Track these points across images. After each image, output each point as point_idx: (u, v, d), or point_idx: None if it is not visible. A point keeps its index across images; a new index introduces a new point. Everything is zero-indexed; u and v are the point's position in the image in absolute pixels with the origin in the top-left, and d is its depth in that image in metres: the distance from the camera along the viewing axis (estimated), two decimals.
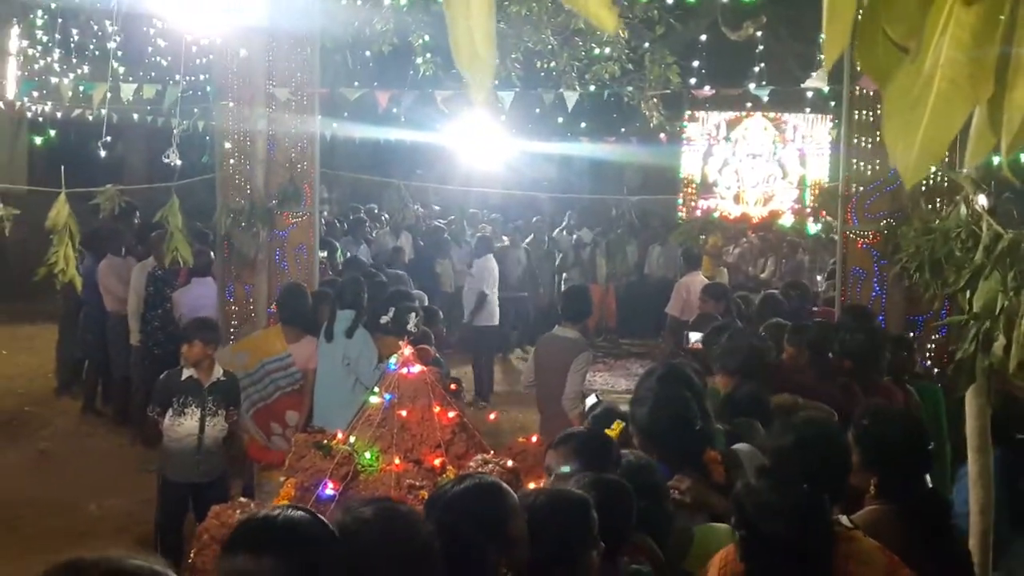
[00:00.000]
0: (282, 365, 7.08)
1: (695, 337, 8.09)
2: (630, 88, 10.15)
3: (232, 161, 8.29)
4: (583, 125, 17.07)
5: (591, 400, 7.06)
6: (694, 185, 13.88)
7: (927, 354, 7.13)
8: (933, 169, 6.87)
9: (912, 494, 3.65)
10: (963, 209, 3.33)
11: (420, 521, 2.49)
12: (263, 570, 2.14)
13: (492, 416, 7.20)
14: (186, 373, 6.55)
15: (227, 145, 8.29)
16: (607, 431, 4.48)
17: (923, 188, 7.08)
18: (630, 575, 3.15)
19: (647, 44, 10.65)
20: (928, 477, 3.77)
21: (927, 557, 3.24)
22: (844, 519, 3.25)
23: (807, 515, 2.74)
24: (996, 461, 4.00)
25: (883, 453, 3.61)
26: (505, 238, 15.48)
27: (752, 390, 5.06)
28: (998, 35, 1.20)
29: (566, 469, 3.43)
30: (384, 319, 7.12)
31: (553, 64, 10.65)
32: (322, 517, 2.39)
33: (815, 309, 8.74)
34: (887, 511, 3.58)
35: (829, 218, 11.02)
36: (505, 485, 2.85)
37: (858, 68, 7.22)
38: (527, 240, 16.11)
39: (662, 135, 14.11)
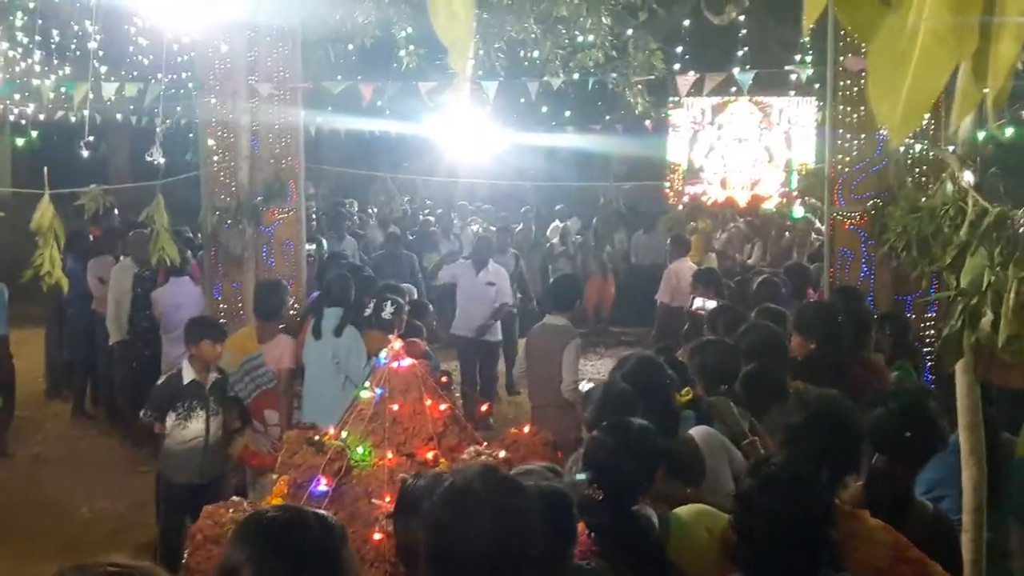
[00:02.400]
0: (256, 364, 7.05)
1: (699, 303, 8.12)
2: (614, 75, 10.12)
3: (216, 158, 8.24)
4: (568, 114, 17.10)
5: (585, 386, 7.11)
6: (681, 171, 13.93)
7: (918, 333, 7.12)
8: (919, 147, 6.87)
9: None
10: (949, 186, 3.31)
11: (527, 492, 2.45)
12: (257, 564, 2.16)
13: (484, 408, 7.20)
14: (188, 377, 6.54)
15: (211, 142, 8.24)
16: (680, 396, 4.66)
17: (909, 165, 7.08)
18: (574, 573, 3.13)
19: (630, 31, 10.64)
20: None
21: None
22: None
23: (807, 495, 2.73)
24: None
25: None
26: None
27: (769, 371, 5.01)
28: None
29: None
30: (367, 312, 7.11)
31: (537, 53, 10.62)
32: (327, 515, 2.41)
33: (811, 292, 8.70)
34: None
35: (814, 201, 11.04)
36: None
37: (841, 45, 7.23)
38: (517, 230, 16.04)
39: (647, 122, 14.12)
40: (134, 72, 11.43)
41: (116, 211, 11.28)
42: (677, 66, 11.80)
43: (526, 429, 5.00)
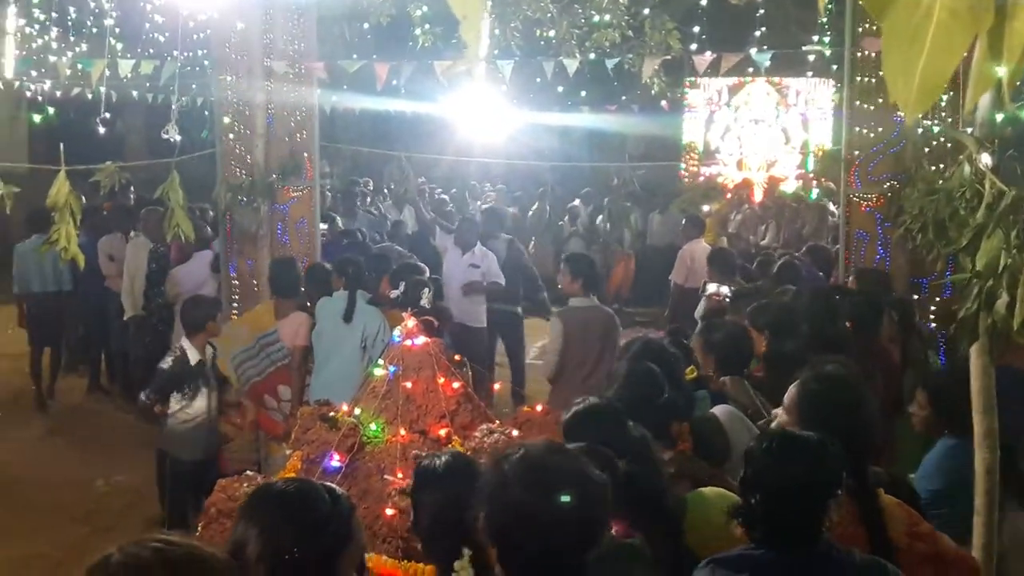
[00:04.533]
0: (271, 340, 7.11)
1: (712, 288, 8.10)
2: (630, 55, 10.05)
3: (231, 135, 8.26)
4: (584, 94, 17.00)
5: None
6: (696, 152, 13.86)
7: (931, 315, 7.10)
8: (936, 129, 6.82)
9: None
10: (966, 168, 3.30)
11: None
12: (268, 534, 2.26)
13: (496, 386, 7.19)
14: (193, 358, 6.61)
15: (226, 120, 8.25)
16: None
17: (926, 149, 7.04)
18: (617, 549, 3.08)
19: (647, 10, 10.58)
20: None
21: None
22: None
23: (810, 459, 2.74)
24: (953, 450, 3.96)
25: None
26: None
27: (791, 349, 4.99)
28: None
29: None
30: (395, 293, 7.11)
31: (553, 32, 10.57)
32: (336, 488, 2.45)
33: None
34: None
35: (830, 184, 10.98)
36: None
37: (859, 27, 7.18)
38: (530, 212, 15.92)
39: (664, 102, 14.07)
40: (150, 49, 11.43)
41: (132, 188, 11.33)
42: (694, 46, 11.73)
43: (539, 408, 5.02)
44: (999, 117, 3.40)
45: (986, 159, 3.26)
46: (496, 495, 2.30)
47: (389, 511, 4.15)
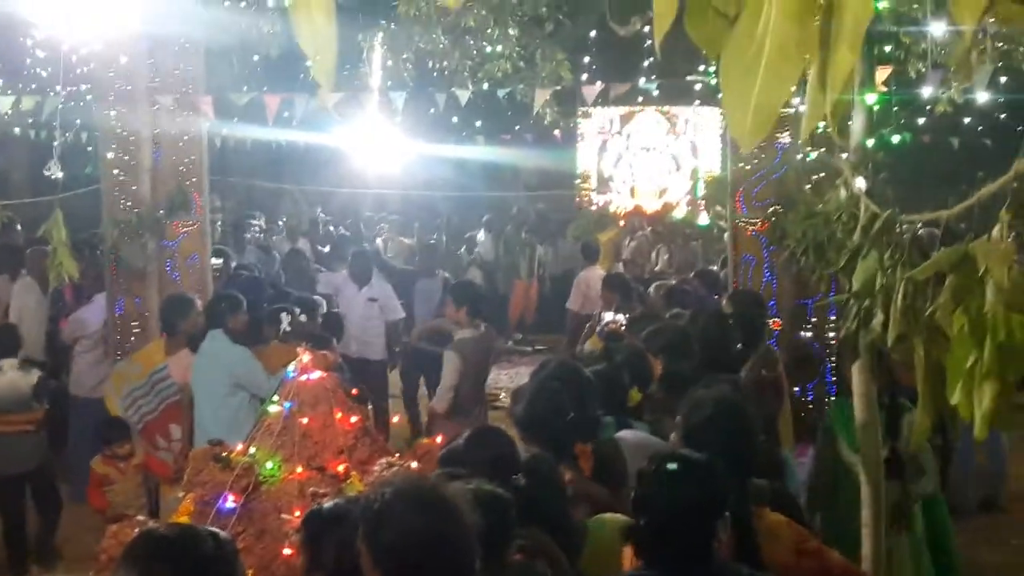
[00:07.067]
0: (162, 376, 7.00)
1: (608, 316, 8.18)
2: (522, 86, 10.17)
3: (116, 171, 8.06)
4: (478, 124, 17.12)
5: None
6: (590, 180, 14.05)
7: (820, 335, 7.31)
8: (814, 155, 7.05)
9: None
10: (842, 192, 3.43)
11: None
12: None
13: (395, 419, 7.14)
14: None
15: (110, 155, 8.05)
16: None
17: (806, 173, 7.26)
18: (520, 572, 3.05)
19: (537, 41, 10.71)
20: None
21: None
22: None
23: (697, 483, 2.78)
24: None
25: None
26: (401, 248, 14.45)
27: (679, 371, 5.07)
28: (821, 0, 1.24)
29: None
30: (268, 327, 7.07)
31: (445, 64, 10.62)
32: (219, 532, 2.42)
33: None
34: None
35: (719, 208, 11.25)
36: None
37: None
38: (429, 242, 15.86)
39: (556, 132, 14.26)
40: (32, 85, 11.10)
41: (19, 227, 10.96)
42: (584, 76, 11.93)
43: (438, 439, 4.99)
44: (871, 143, 3.54)
45: (860, 183, 3.39)
46: (386, 526, 2.32)
47: (287, 551, 4.07)
